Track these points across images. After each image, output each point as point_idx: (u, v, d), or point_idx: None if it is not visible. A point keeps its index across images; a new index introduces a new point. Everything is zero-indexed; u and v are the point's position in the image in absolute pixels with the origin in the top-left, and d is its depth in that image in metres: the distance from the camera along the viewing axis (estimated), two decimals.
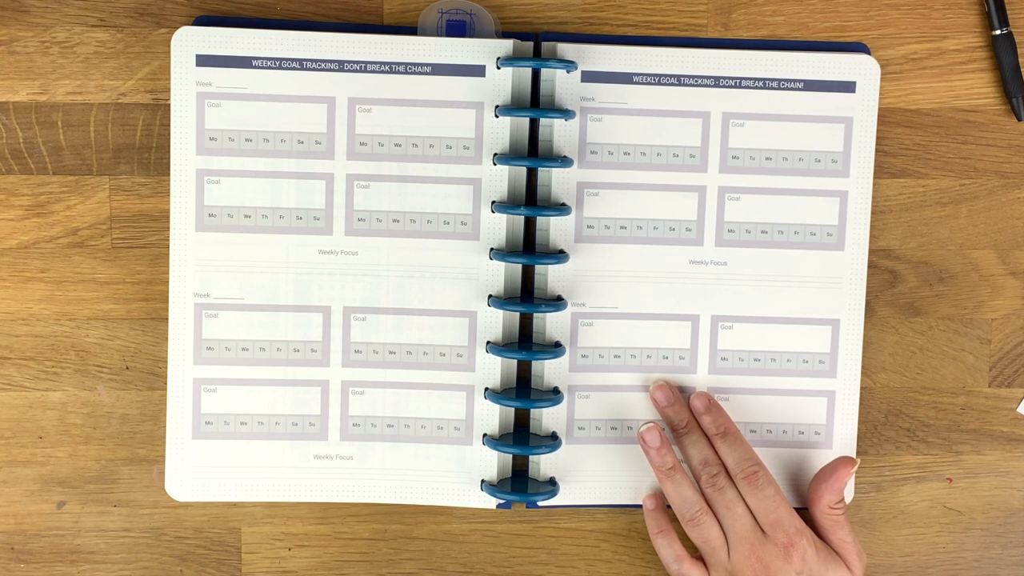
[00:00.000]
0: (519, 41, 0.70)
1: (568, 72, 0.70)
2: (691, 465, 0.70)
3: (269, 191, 0.70)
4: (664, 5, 0.72)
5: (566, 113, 0.69)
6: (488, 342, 0.71)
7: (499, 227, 0.70)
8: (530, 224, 0.72)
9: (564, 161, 0.69)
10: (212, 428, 0.71)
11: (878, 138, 0.72)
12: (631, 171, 0.71)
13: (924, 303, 0.74)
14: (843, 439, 0.73)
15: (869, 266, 0.73)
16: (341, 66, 0.69)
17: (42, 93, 0.70)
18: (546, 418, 0.72)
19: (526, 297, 0.72)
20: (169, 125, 0.70)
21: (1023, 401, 0.75)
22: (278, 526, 0.74)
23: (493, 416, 0.71)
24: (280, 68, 0.69)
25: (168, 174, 0.71)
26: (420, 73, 0.69)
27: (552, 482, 0.72)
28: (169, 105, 0.70)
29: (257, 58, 0.69)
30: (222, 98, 0.69)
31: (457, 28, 0.71)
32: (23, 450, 0.72)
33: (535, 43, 0.71)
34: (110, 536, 0.73)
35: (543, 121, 0.70)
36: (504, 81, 0.69)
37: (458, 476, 0.72)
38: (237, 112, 0.69)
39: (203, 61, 0.69)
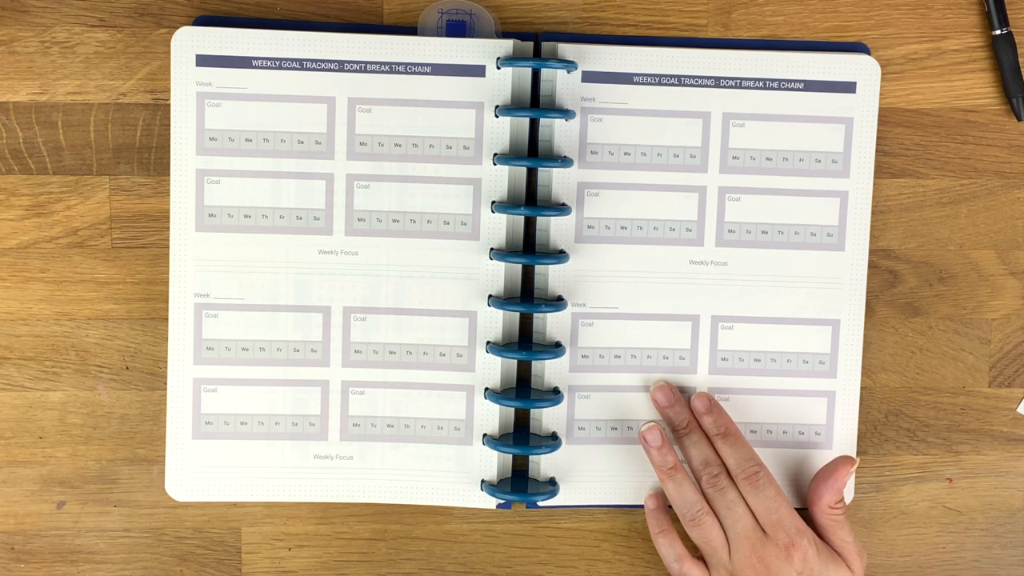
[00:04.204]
0: (519, 41, 0.70)
1: (568, 72, 0.70)
2: (692, 465, 0.70)
3: (269, 191, 0.70)
4: (664, 5, 0.72)
5: (566, 113, 0.69)
6: (488, 342, 0.71)
7: (499, 227, 0.70)
8: (530, 224, 0.72)
9: (564, 161, 0.69)
10: (212, 428, 0.71)
11: (878, 138, 0.72)
12: (631, 171, 0.71)
13: (924, 303, 0.74)
14: (843, 439, 0.73)
15: (869, 266, 0.73)
16: (341, 66, 0.69)
17: (42, 93, 0.70)
18: (546, 418, 0.72)
19: (526, 297, 0.72)
20: (169, 125, 0.70)
21: (1023, 401, 0.75)
22: (278, 526, 0.74)
23: (493, 416, 0.71)
24: (280, 68, 0.69)
25: (168, 174, 0.71)
26: (420, 73, 0.69)
27: (552, 482, 0.72)
28: (169, 105, 0.70)
29: (257, 58, 0.69)
30: (222, 98, 0.69)
31: (457, 28, 0.71)
32: (23, 450, 0.72)
33: (535, 43, 0.71)
34: (110, 536, 0.73)
35: (543, 121, 0.70)
36: (504, 81, 0.69)
37: (458, 476, 0.72)
38: (237, 112, 0.69)
39: (203, 61, 0.69)
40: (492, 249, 0.70)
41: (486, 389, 0.71)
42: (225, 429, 0.71)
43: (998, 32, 0.73)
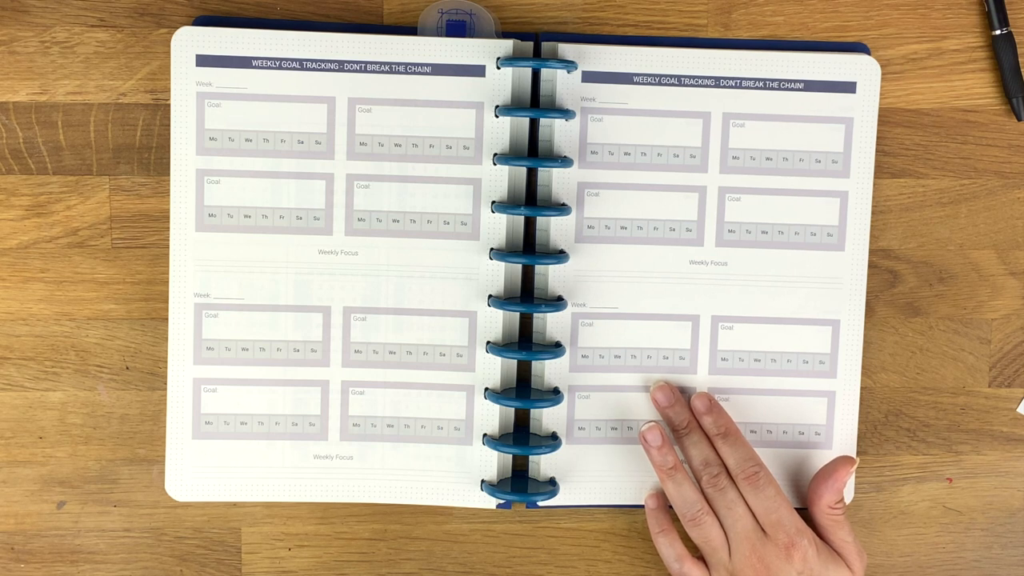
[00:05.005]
0: (519, 41, 0.70)
1: (568, 72, 0.70)
2: (692, 465, 0.70)
3: (269, 191, 0.70)
4: (664, 5, 0.72)
5: (566, 113, 0.69)
6: (488, 342, 0.71)
7: (499, 227, 0.70)
8: (530, 224, 0.72)
9: (564, 161, 0.69)
10: (212, 428, 0.71)
11: (878, 138, 0.72)
12: (631, 171, 0.71)
13: (924, 303, 0.74)
14: (843, 439, 0.73)
15: (869, 266, 0.73)
16: (341, 66, 0.69)
17: (42, 93, 0.70)
18: (546, 418, 0.72)
19: (526, 297, 0.72)
20: (169, 125, 0.70)
21: (1023, 401, 0.75)
22: (278, 526, 0.74)
23: (493, 416, 0.71)
24: (280, 68, 0.69)
25: (168, 174, 0.71)
26: (420, 73, 0.69)
27: (552, 482, 0.72)
28: (169, 105, 0.70)
29: (257, 58, 0.69)
30: (222, 98, 0.69)
31: (457, 28, 0.71)
32: (23, 450, 0.72)
33: (535, 43, 0.71)
34: (110, 536, 0.73)
35: (543, 121, 0.70)
36: (504, 81, 0.69)
37: (458, 476, 0.72)
38: (237, 112, 0.69)
39: (203, 61, 0.69)
40: (492, 249, 0.70)
41: (486, 389, 0.71)
42: (225, 429, 0.71)
43: (998, 32, 0.73)
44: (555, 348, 0.70)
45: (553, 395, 0.71)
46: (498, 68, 0.69)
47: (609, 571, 0.75)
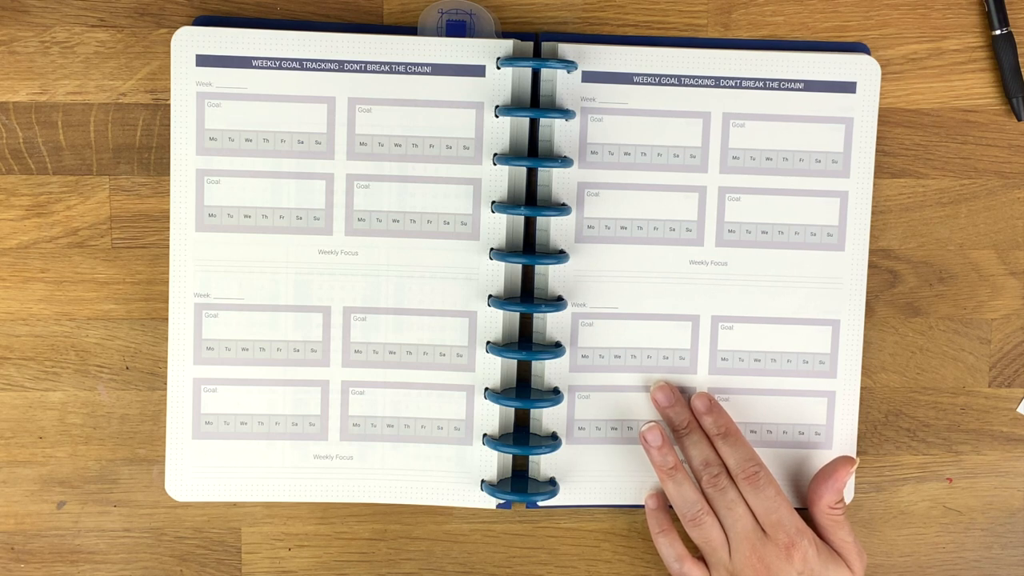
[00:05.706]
0: (519, 41, 0.70)
1: (568, 72, 0.70)
2: (692, 465, 0.70)
3: (269, 191, 0.70)
4: (664, 5, 0.72)
5: (566, 113, 0.69)
6: (488, 342, 0.71)
7: (499, 227, 0.70)
8: (530, 224, 0.72)
9: (564, 161, 0.69)
10: (212, 428, 0.71)
11: (878, 138, 0.72)
12: (631, 171, 0.71)
13: (924, 303, 0.74)
14: (843, 439, 0.73)
15: (869, 266, 0.73)
16: (341, 66, 0.69)
17: (42, 93, 0.70)
18: (546, 418, 0.72)
19: (526, 297, 0.72)
20: (169, 125, 0.70)
21: (1023, 401, 0.75)
22: (278, 526, 0.74)
23: (493, 416, 0.71)
24: (280, 68, 0.69)
25: (168, 174, 0.71)
26: (420, 73, 0.69)
27: (552, 482, 0.72)
28: (169, 105, 0.70)
29: (257, 58, 0.69)
30: (222, 98, 0.69)
31: (457, 28, 0.71)
32: (23, 450, 0.72)
33: (535, 43, 0.71)
34: (110, 536, 0.73)
35: (543, 121, 0.70)
36: (504, 81, 0.69)
37: (458, 476, 0.72)
38: (237, 112, 0.69)
39: (203, 61, 0.69)
40: (492, 249, 0.70)
41: (486, 389, 0.71)
42: (225, 429, 0.71)
43: (998, 32, 0.73)
44: (555, 348, 0.70)
45: (553, 395, 0.71)
46: (498, 68, 0.69)
47: (609, 571, 0.75)
